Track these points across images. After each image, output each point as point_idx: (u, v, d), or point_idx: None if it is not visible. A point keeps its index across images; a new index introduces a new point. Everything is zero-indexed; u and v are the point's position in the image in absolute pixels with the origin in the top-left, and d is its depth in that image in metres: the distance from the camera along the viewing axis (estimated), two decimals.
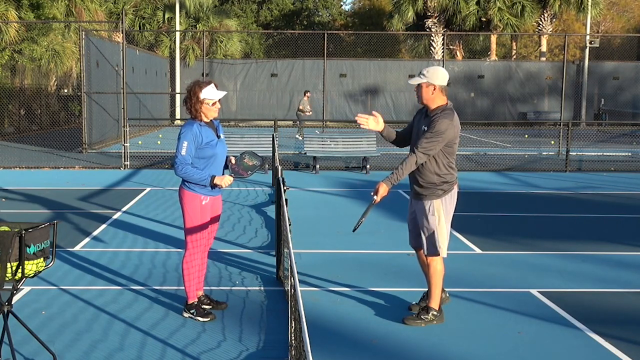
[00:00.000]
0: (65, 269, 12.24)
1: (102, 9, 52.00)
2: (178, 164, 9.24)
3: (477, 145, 37.09)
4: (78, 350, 8.48)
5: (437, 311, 9.45)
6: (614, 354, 8.48)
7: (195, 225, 9.53)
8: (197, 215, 9.50)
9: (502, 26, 61.21)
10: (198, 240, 9.59)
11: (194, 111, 9.40)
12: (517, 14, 61.45)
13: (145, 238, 14.62)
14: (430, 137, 9.04)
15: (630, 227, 16.35)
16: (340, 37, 74.61)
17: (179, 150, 9.23)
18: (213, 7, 62.81)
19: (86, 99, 30.93)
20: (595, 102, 56.82)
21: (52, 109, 47.63)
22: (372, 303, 10.11)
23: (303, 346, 5.21)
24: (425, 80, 9.13)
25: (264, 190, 21.32)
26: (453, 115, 9.17)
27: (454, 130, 9.12)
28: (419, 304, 9.82)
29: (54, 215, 17.17)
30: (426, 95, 9.18)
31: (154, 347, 8.62)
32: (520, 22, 61.88)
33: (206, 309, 9.75)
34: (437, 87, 9.17)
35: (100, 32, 39.17)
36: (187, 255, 9.57)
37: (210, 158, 9.41)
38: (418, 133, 9.28)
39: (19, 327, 8.24)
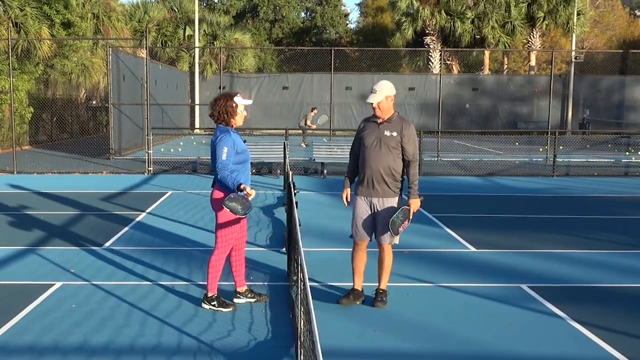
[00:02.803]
0: (98, 265, 12.29)
1: (128, 27, 52.06)
2: (222, 167, 9.24)
3: (472, 152, 37.08)
4: (117, 343, 8.52)
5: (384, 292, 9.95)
6: (592, 340, 8.63)
7: (228, 227, 9.57)
8: (231, 218, 9.53)
9: (494, 43, 61.33)
10: (228, 240, 9.63)
11: (229, 118, 9.47)
12: (508, 32, 61.65)
13: (168, 237, 14.63)
14: (414, 143, 9.47)
15: (613, 228, 16.34)
16: (346, 53, 74.57)
17: (220, 155, 9.24)
18: (229, 25, 62.86)
19: (113, 110, 30.97)
20: (580, 112, 56.73)
21: (81, 118, 47.67)
22: (370, 299, 10.09)
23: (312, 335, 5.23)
24: (384, 94, 9.36)
25: (274, 193, 21.33)
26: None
27: None
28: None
29: (83, 216, 17.21)
30: (385, 107, 9.40)
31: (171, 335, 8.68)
32: (511, 39, 62.05)
33: (227, 301, 9.81)
34: (392, 97, 9.48)
35: (125, 49, 39.24)
36: (216, 254, 9.60)
37: (244, 163, 9.56)
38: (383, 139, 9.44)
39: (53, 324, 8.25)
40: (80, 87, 45.38)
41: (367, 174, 9.52)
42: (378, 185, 9.48)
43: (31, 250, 13.37)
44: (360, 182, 9.68)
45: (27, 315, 9.39)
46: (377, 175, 9.43)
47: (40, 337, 8.59)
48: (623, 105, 57.75)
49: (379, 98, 9.32)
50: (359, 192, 9.71)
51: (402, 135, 9.37)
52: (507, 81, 58.77)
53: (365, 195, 9.63)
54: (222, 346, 8.35)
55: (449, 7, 61.31)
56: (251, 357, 8.06)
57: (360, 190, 9.69)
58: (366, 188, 9.59)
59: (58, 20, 38.66)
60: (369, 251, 9.89)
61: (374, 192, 9.53)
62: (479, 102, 56.79)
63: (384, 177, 9.41)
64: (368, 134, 9.59)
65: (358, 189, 9.73)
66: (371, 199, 9.58)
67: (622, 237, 15.15)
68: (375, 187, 9.50)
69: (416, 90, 56.13)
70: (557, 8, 61.51)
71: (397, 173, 9.45)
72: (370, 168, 9.47)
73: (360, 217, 9.73)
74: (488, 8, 61.03)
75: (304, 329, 6.40)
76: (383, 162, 9.41)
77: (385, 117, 9.47)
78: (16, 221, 16.36)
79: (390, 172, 9.40)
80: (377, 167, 9.42)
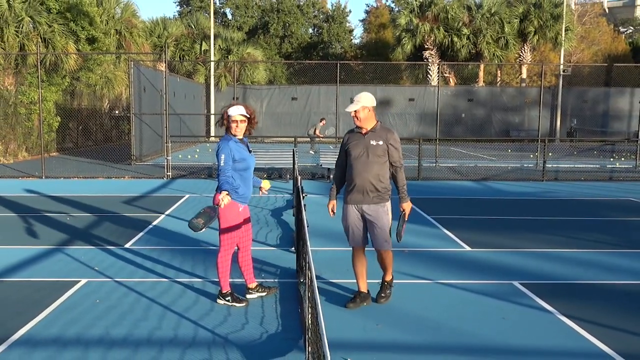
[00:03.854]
0: (120, 263, 12.30)
1: (148, 42, 52.11)
2: (221, 173, 9.38)
3: (467, 158, 37.07)
4: (136, 335, 8.53)
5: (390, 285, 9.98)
6: (579, 333, 8.63)
7: (231, 228, 9.58)
8: (234, 220, 9.56)
9: (489, 57, 61.37)
10: (230, 240, 9.63)
11: (227, 128, 9.59)
12: (501, 46, 61.79)
13: (186, 238, 14.61)
14: (399, 150, 9.45)
15: (598, 228, 16.31)
16: (351, 66, 74.49)
17: (218, 162, 9.40)
18: (242, 41, 62.91)
19: (134, 119, 31.01)
20: (568, 121, 56.73)
21: (105, 127, 47.76)
22: (373, 295, 10.08)
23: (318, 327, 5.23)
24: (361, 104, 9.33)
25: (284, 196, 21.32)
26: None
27: None
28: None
29: (107, 217, 17.22)
30: (363, 116, 9.34)
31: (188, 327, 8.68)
32: (504, 53, 62.12)
33: (240, 297, 9.83)
34: (371, 108, 9.44)
35: (146, 62, 39.25)
36: (221, 253, 9.62)
37: (244, 170, 9.57)
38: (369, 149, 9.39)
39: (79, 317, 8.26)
40: (104, 98, 45.47)
41: (357, 182, 9.41)
42: (369, 193, 9.39)
43: (58, 249, 13.40)
44: (350, 191, 9.55)
45: (55, 309, 9.42)
46: (367, 184, 9.34)
47: (67, 329, 8.61)
48: (608, 115, 57.77)
49: (356, 107, 9.28)
50: (349, 200, 9.60)
51: (388, 143, 9.33)
52: (500, 92, 58.75)
53: (356, 203, 9.53)
54: (235, 338, 8.36)
55: (446, 23, 61.41)
56: (262, 348, 8.06)
57: (350, 199, 9.57)
58: (357, 196, 9.47)
59: (83, 36, 38.70)
60: (368, 250, 9.86)
61: (365, 200, 9.45)
62: (474, 112, 56.77)
63: (374, 185, 9.34)
64: (354, 145, 9.50)
65: (348, 197, 9.60)
66: (362, 206, 9.49)
67: (607, 237, 15.13)
68: (366, 194, 9.41)
69: (416, 101, 56.15)
70: (547, 24, 61.75)
71: (385, 180, 9.39)
72: (360, 177, 9.37)
73: (354, 225, 9.65)
74: (483, 25, 61.11)
75: (312, 323, 6.40)
76: (372, 171, 9.33)
77: (367, 126, 9.41)
78: (44, 222, 16.38)
79: (379, 179, 9.34)
80: (366, 176, 9.33)
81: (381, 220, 9.42)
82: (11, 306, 9.59)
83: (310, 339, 6.53)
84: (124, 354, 7.83)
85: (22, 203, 19.47)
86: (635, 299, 10.33)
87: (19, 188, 22.87)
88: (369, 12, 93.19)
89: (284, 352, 7.95)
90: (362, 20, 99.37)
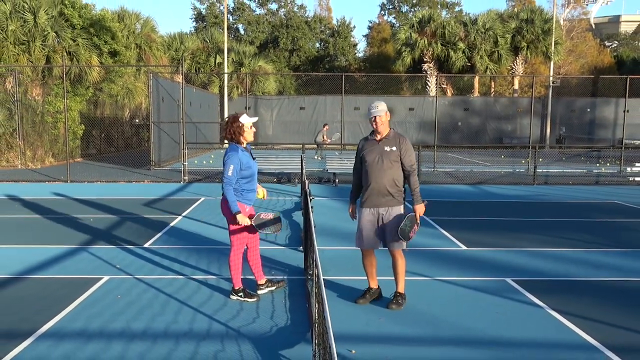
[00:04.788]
0: (139, 261, 12.32)
1: (166, 56, 52.21)
2: (226, 182, 9.37)
3: (463, 164, 37.03)
4: (154, 329, 8.54)
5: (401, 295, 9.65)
6: (568, 327, 8.64)
7: (240, 229, 9.61)
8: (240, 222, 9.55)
9: (483, 69, 61.38)
10: (240, 240, 9.66)
11: (237, 135, 9.52)
12: (495, 59, 61.73)
13: (201, 237, 14.63)
14: (412, 155, 9.41)
15: (585, 229, 16.29)
16: (355, 78, 74.51)
17: (226, 171, 9.36)
18: (254, 54, 62.92)
19: (153, 127, 31.02)
20: (557, 129, 56.66)
21: (126, 134, 47.78)
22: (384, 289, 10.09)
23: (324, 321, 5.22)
24: (385, 110, 9.37)
25: (292, 199, 21.32)
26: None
27: None
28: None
29: (127, 218, 17.23)
30: (384, 121, 9.35)
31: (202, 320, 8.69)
32: (498, 66, 62.08)
33: (251, 292, 9.86)
34: (389, 115, 9.46)
35: (164, 74, 39.32)
36: (233, 252, 9.65)
37: (249, 177, 9.55)
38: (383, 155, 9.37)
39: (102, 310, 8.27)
40: (125, 107, 45.48)
41: (372, 187, 9.38)
42: (384, 197, 9.36)
43: (83, 248, 13.40)
44: (366, 196, 9.50)
45: (79, 304, 9.43)
46: (382, 188, 9.32)
47: (90, 323, 8.62)
48: (594, 123, 57.71)
49: (381, 113, 9.29)
50: (365, 204, 9.53)
51: (400, 149, 9.32)
52: (494, 102, 58.69)
53: (372, 207, 9.47)
54: (247, 331, 8.37)
55: (443, 38, 61.37)
56: (272, 341, 8.06)
57: (366, 203, 9.51)
58: (373, 200, 9.43)
59: (106, 50, 38.77)
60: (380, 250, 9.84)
61: (380, 203, 9.41)
62: (470, 121, 56.72)
63: (389, 189, 9.32)
64: (369, 151, 9.49)
65: (365, 201, 9.54)
66: (378, 210, 9.43)
67: (594, 237, 15.11)
68: (381, 198, 9.37)
69: (415, 110, 56.11)
70: (538, 39, 61.74)
71: (399, 183, 9.36)
72: (376, 182, 9.34)
73: (367, 228, 9.56)
74: (478, 39, 61.10)
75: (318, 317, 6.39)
76: (387, 176, 9.31)
77: (384, 133, 9.41)
78: (69, 223, 16.39)
79: (394, 183, 9.32)
80: (381, 181, 9.31)
81: (396, 222, 9.36)
82: (39, 301, 9.61)
83: (317, 332, 6.53)
84: (143, 346, 7.84)
85: (48, 205, 19.49)
86: (620, 294, 10.33)
87: (46, 191, 22.90)
88: (372, 27, 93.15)
89: (292, 345, 7.95)
90: (365, 35, 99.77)
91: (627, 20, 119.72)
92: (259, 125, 55.64)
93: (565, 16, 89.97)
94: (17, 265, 11.85)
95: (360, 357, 7.59)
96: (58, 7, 36.12)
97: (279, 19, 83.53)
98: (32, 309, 9.22)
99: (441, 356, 7.69)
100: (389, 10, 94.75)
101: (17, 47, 34.52)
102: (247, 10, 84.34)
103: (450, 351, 7.83)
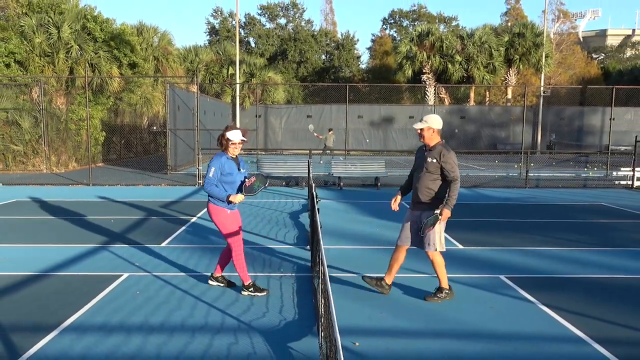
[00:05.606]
0: (157, 259, 12.33)
1: (182, 67, 52.22)
2: (206, 183, 9.53)
3: (460, 168, 36.89)
4: (171, 322, 8.56)
5: (448, 289, 9.70)
6: (557, 320, 8.65)
7: (232, 229, 9.65)
8: (230, 222, 9.64)
9: (479, 80, 61.43)
10: (238, 239, 9.70)
11: (224, 146, 9.68)
12: (490, 71, 61.92)
13: (214, 237, 14.64)
14: (454, 166, 9.38)
15: (574, 229, 16.27)
16: (358, 88, 74.44)
17: (208, 173, 9.52)
18: (264, 66, 62.98)
19: (170, 134, 31.05)
20: (548, 136, 56.61)
21: (144, 141, 47.87)
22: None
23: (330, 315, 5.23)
24: (427, 125, 9.43)
25: (300, 201, 21.32)
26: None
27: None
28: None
29: (145, 219, 17.26)
30: (427, 135, 9.46)
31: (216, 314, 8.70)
32: (492, 77, 62.17)
33: (261, 287, 9.91)
34: (435, 130, 9.47)
35: (180, 85, 39.34)
36: (234, 253, 9.67)
37: (230, 183, 9.60)
38: (425, 164, 9.50)
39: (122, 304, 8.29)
40: (143, 115, 45.58)
41: (414, 192, 9.69)
42: (420, 203, 9.55)
43: (103, 247, 13.43)
44: (411, 198, 9.75)
45: (101, 300, 9.45)
46: (420, 194, 9.52)
47: (111, 317, 8.64)
48: (582, 131, 57.68)
49: (422, 126, 9.46)
50: (410, 205, 9.82)
51: (441, 161, 9.36)
52: (489, 111, 58.66)
53: (412, 209, 9.71)
54: (257, 325, 8.37)
55: (441, 51, 61.43)
56: (281, 334, 8.07)
57: (411, 204, 9.78)
58: (414, 203, 9.68)
59: (125, 62, 38.85)
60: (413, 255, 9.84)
61: (418, 207, 9.61)
62: (466, 128, 56.71)
63: (425, 196, 9.46)
64: (418, 159, 9.77)
65: (410, 202, 9.82)
66: (417, 213, 9.63)
67: (582, 237, 15.10)
68: (419, 203, 9.57)
69: (415, 118, 56.04)
70: (529, 52, 61.94)
71: (434, 192, 9.45)
72: (416, 187, 9.62)
73: (405, 226, 9.79)
74: (474, 52, 61.17)
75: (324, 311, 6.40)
76: (424, 184, 9.49)
77: (430, 144, 9.54)
78: (91, 224, 16.42)
79: (429, 191, 9.43)
80: (420, 187, 9.53)
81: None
82: (63, 297, 9.63)
83: (323, 325, 6.53)
84: (161, 339, 7.85)
85: (71, 207, 19.52)
86: (606, 290, 10.33)
87: (69, 194, 22.94)
88: (374, 40, 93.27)
89: (299, 337, 7.96)
90: (368, 48, 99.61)
91: (613, 34, 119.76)
92: (269, 132, 55.77)
93: (555, 30, 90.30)
94: (43, 263, 11.88)
95: (364, 349, 7.60)
96: (81, 21, 36.26)
97: (288, 33, 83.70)
98: (56, 304, 9.24)
99: (439, 347, 7.69)
100: (390, 24, 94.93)
101: (42, 59, 34.64)
102: (258, 24, 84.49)
103: (447, 343, 7.84)
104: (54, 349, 7.55)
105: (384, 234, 15.17)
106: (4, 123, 32.53)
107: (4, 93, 32.72)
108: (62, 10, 36.02)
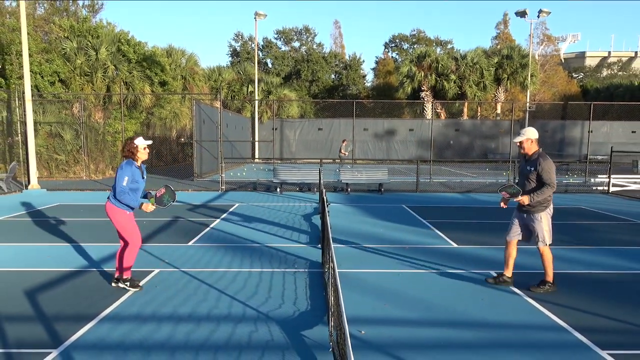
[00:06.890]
0: (185, 257, 12.35)
1: (207, 85, 52.32)
2: (119, 191, 9.36)
3: (455, 175, 36.91)
4: (198, 313, 8.58)
5: (551, 283, 9.87)
6: (541, 311, 8.64)
7: (132, 229, 9.61)
8: (130, 222, 9.60)
9: (471, 96, 61.45)
10: (136, 235, 9.66)
11: (131, 154, 9.55)
12: (481, 88, 61.98)
13: (236, 237, 14.64)
14: (550, 174, 9.52)
15: (557, 229, 16.22)
16: (364, 104, 74.27)
17: (120, 182, 9.33)
18: (280, 84, 63.05)
19: (196, 145, 31.11)
20: None
21: (173, 151, 47.89)
22: (382, 282, 10.10)
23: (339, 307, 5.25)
24: (526, 136, 9.65)
25: (312, 205, 21.32)
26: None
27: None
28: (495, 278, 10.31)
29: (174, 221, 17.28)
30: (527, 146, 9.70)
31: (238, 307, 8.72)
32: (483, 93, 62.20)
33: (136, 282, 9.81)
34: (533, 139, 9.70)
35: (205, 101, 39.40)
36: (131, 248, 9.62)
37: (136, 190, 9.51)
38: (524, 173, 9.80)
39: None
40: (172, 128, 45.61)
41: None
42: (525, 206, 9.82)
43: None
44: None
45: (135, 292, 9.48)
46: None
47: (144, 308, 8.67)
48: (564, 142, 57.57)
49: (522, 139, 9.67)
50: (517, 207, 10.12)
51: (538, 169, 9.55)
52: (480, 124, 58.57)
53: (519, 210, 10.04)
54: (274, 315, 8.39)
55: (438, 71, 61.51)
56: (295, 323, 8.09)
57: (517, 206, 10.08)
58: (520, 205, 9.96)
59: (156, 80, 38.97)
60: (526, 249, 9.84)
61: (522, 209, 9.94)
62: (460, 139, 56.63)
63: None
64: (520, 167, 10.00)
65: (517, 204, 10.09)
66: (523, 214, 9.96)
67: (564, 237, 15.06)
68: (523, 206, 9.87)
69: (414, 131, 56.09)
70: (516, 71, 62.17)
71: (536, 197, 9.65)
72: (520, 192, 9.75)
73: (513, 223, 10.12)
74: (467, 72, 61.23)
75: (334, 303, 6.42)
76: (525, 190, 9.76)
77: (529, 153, 9.73)
78: None
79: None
80: (524, 193, 9.76)
81: (533, 226, 9.82)
82: (101, 290, 9.66)
83: (332, 315, 6.56)
84: (189, 327, 7.88)
85: None
86: (585, 284, 10.31)
87: (106, 199, 22.93)
88: (378, 61, 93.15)
89: (311, 326, 7.98)
90: (372, 68, 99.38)
91: (591, 55, 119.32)
92: (284, 143, 55.85)
93: (539, 52, 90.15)
94: (83, 260, 11.93)
95: (369, 336, 7.61)
96: (116, 44, 36.45)
97: (301, 55, 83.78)
98: (95, 297, 9.27)
99: (436, 335, 7.70)
100: (391, 47, 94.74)
101: (82, 78, 34.79)
102: (274, 47, 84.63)
103: (444, 331, 7.84)
104: (94, 336, 7.59)
105: (386, 233, 15.16)
106: (49, 135, 32.70)
107: (48, 109, 32.90)
108: (100, 34, 36.25)
